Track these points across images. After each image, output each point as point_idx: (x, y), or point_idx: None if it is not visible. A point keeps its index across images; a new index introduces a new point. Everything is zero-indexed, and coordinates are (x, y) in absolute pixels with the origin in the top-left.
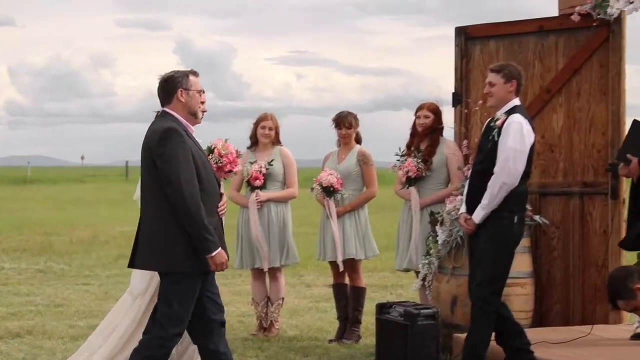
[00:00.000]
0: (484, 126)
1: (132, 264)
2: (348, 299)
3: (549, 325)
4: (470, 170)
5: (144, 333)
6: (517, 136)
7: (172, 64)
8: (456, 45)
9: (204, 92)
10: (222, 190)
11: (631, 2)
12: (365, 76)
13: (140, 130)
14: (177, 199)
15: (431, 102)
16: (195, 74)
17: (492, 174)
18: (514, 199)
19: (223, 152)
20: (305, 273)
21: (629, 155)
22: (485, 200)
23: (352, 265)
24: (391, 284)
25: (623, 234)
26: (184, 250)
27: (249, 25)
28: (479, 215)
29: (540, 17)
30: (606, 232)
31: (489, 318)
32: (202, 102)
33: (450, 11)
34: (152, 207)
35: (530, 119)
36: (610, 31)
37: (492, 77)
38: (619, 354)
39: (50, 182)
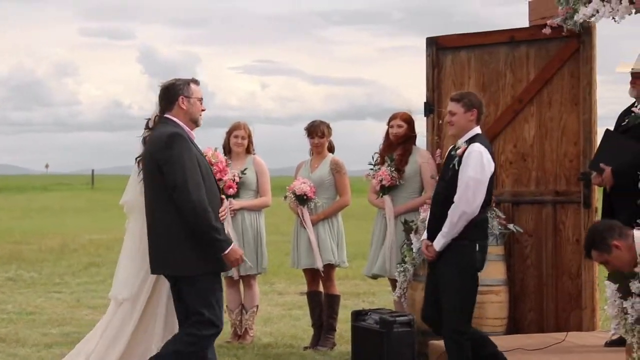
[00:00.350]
0: (446, 155)
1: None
2: (322, 307)
3: (523, 333)
4: (432, 198)
5: (180, 327)
6: (477, 166)
7: (135, 74)
8: (427, 56)
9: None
10: (222, 196)
11: (597, 11)
12: (330, 86)
13: (105, 139)
14: (184, 203)
15: (404, 112)
16: (196, 82)
17: (452, 202)
18: (475, 228)
19: (213, 160)
20: (276, 281)
21: (602, 165)
22: (445, 228)
23: (326, 272)
24: (363, 291)
25: None
26: (194, 252)
27: (213, 34)
28: (439, 243)
29: (511, 28)
30: (579, 240)
31: (465, 347)
32: (203, 110)
33: (415, 22)
34: (158, 211)
35: (491, 148)
36: (580, 42)
37: (452, 106)
38: None
39: (16, 191)
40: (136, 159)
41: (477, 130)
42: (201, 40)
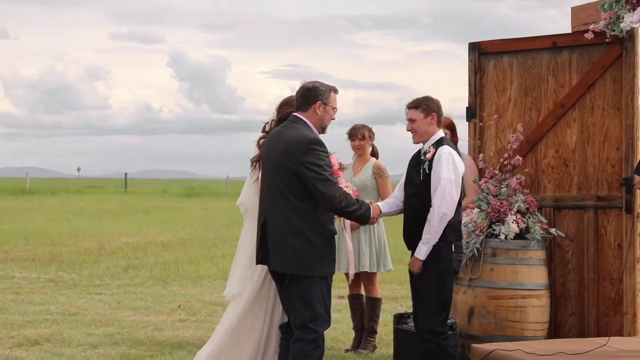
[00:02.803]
0: (411, 159)
1: (265, 263)
2: (364, 310)
3: (564, 337)
4: (404, 203)
5: (293, 342)
6: (450, 166)
7: (166, 77)
8: (470, 60)
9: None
10: None
11: None
12: (359, 90)
13: (136, 143)
14: (332, 204)
15: (445, 117)
16: (336, 91)
17: (425, 205)
18: (450, 229)
19: None
20: None
21: None
22: (427, 234)
23: (367, 276)
24: (400, 295)
25: (637, 247)
26: (319, 255)
27: (242, 39)
28: (422, 251)
29: (554, 33)
30: (620, 245)
31: (444, 346)
32: (333, 119)
33: (443, 27)
34: (288, 212)
35: (457, 151)
36: (623, 48)
37: (411, 113)
38: None
39: (49, 194)
40: (252, 160)
41: (441, 133)
42: (231, 44)
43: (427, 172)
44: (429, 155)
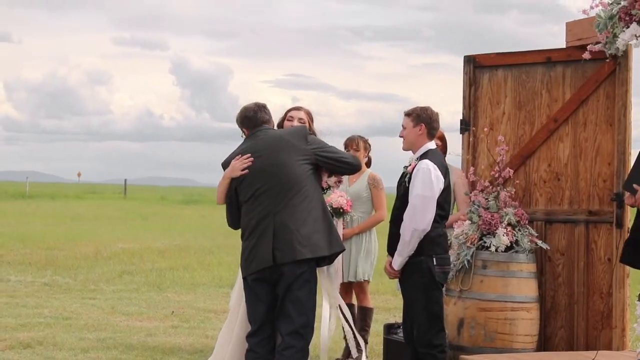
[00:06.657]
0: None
1: (283, 260)
2: (355, 319)
3: (553, 350)
4: (391, 215)
5: (281, 350)
6: (425, 182)
7: (168, 84)
8: (465, 74)
9: None
10: None
11: (638, 37)
12: (361, 101)
13: (136, 149)
14: (354, 158)
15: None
16: None
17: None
18: (430, 243)
19: None
20: None
21: (635, 185)
22: (399, 246)
23: (360, 285)
24: (394, 306)
25: None
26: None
27: (245, 47)
28: (396, 262)
29: (549, 48)
30: (611, 260)
31: (440, 359)
32: None
33: (445, 40)
34: (305, 206)
35: (444, 163)
36: (617, 64)
37: (404, 120)
38: None
39: (48, 198)
40: None
41: (430, 145)
42: (233, 52)
43: (407, 185)
44: (409, 168)
